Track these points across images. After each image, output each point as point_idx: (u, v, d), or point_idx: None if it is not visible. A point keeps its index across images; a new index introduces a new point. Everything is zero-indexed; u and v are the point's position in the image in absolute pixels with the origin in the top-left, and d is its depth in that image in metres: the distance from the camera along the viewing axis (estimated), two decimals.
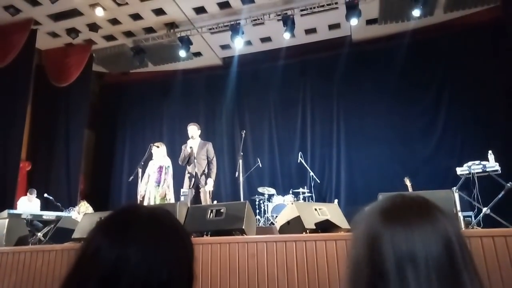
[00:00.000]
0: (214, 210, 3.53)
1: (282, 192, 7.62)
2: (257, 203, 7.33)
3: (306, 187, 7.43)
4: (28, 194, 7.15)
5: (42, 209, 7.05)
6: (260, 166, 7.79)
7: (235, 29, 7.90)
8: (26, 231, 4.60)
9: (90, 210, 7.01)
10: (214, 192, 6.08)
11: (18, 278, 3.57)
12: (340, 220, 3.47)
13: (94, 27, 8.07)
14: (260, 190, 7.51)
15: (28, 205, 7.00)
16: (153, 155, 5.91)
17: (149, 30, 8.52)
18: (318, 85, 8.96)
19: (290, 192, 7.35)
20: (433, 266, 0.58)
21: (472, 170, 4.71)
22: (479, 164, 4.71)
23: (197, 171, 5.56)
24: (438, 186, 5.51)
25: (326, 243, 2.70)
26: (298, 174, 8.29)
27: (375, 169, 7.87)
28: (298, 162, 7.58)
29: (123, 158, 9.92)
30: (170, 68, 9.71)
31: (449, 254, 0.60)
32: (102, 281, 0.62)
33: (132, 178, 5.60)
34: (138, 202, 5.45)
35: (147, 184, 5.75)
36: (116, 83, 10.38)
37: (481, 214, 4.64)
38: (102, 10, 7.52)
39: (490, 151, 4.79)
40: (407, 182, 5.87)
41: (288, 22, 7.63)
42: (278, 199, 7.17)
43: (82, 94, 8.99)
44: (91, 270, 0.64)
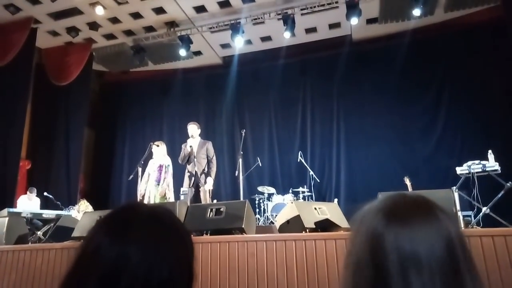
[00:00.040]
0: (214, 209, 3.53)
1: (282, 191, 7.62)
2: (257, 202, 7.32)
3: (306, 187, 7.43)
4: (28, 192, 7.15)
5: (42, 207, 7.05)
6: (260, 165, 7.78)
7: (235, 28, 7.89)
8: (26, 230, 4.60)
9: (90, 208, 7.02)
10: (214, 191, 6.08)
11: (18, 276, 3.58)
12: (339, 219, 3.48)
13: (94, 26, 8.07)
14: (260, 189, 7.50)
15: (28, 203, 7.00)
16: (153, 154, 5.91)
17: (149, 29, 8.51)
18: (318, 84, 8.95)
19: (290, 191, 7.35)
20: (436, 267, 0.58)
21: (472, 170, 4.71)
22: (479, 163, 4.71)
23: (197, 170, 5.56)
24: (438, 186, 5.51)
25: (326, 242, 2.70)
26: (298, 173, 8.28)
27: (375, 168, 7.88)
28: (298, 161, 7.58)
29: (123, 157, 9.92)
30: (170, 67, 9.71)
31: (451, 254, 0.59)
32: (102, 279, 0.62)
33: (132, 177, 5.62)
34: (138, 201, 5.45)
35: (147, 183, 5.75)
36: (116, 82, 10.38)
37: (480, 213, 4.64)
38: (102, 9, 7.51)
39: (490, 151, 4.79)
40: (407, 181, 5.87)
41: (288, 21, 7.63)
42: (277, 198, 7.17)
43: (82, 93, 8.99)
44: (91, 268, 0.64)
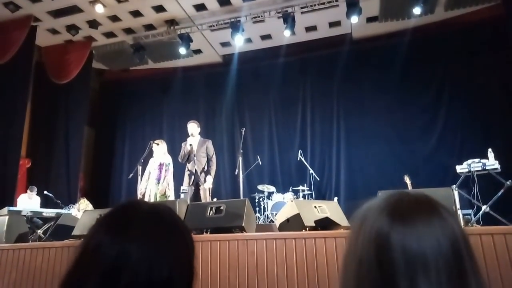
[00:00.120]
0: (213, 208, 3.53)
1: (282, 189, 7.63)
2: (256, 201, 7.33)
3: (305, 185, 7.43)
4: (28, 191, 7.15)
5: (42, 206, 7.05)
6: (260, 163, 7.78)
7: (235, 26, 7.88)
8: (26, 228, 4.60)
9: (90, 207, 7.03)
10: (214, 189, 6.08)
11: (18, 275, 3.58)
12: (339, 217, 3.48)
13: (94, 24, 8.06)
14: (260, 187, 7.51)
15: (28, 202, 7.00)
16: (153, 153, 5.91)
17: (149, 27, 8.50)
18: (318, 82, 8.95)
19: (290, 189, 7.36)
20: (442, 266, 0.57)
21: (471, 168, 4.71)
22: (479, 162, 4.71)
23: (196, 169, 5.56)
24: (438, 184, 5.52)
25: (326, 241, 2.70)
26: (298, 172, 8.29)
27: (375, 167, 7.88)
28: (298, 160, 7.58)
29: (123, 155, 9.92)
30: (170, 65, 9.70)
31: (456, 253, 0.59)
32: (103, 277, 0.62)
33: (132, 175, 5.61)
34: (138, 199, 5.45)
35: (148, 181, 5.74)
36: (116, 80, 10.37)
37: (480, 212, 4.64)
38: (102, 7, 7.50)
39: (489, 149, 4.79)
40: (407, 180, 5.87)
41: (288, 20, 7.61)
42: (277, 197, 7.17)
43: (82, 91, 8.98)
44: (92, 266, 0.64)
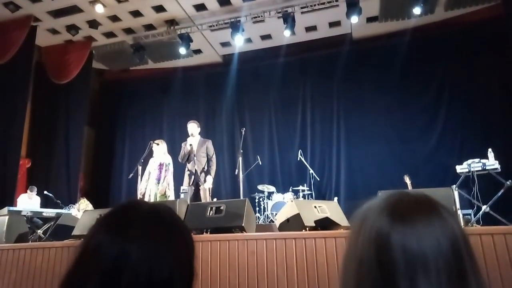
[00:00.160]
0: (214, 208, 3.53)
1: (282, 189, 7.63)
2: (256, 201, 7.33)
3: (305, 185, 7.43)
4: (28, 191, 7.15)
5: (42, 206, 7.05)
6: (260, 163, 7.78)
7: (235, 26, 7.88)
8: (26, 228, 4.60)
9: (90, 207, 7.03)
10: (214, 189, 6.08)
11: (18, 275, 3.58)
12: (339, 217, 3.48)
13: (94, 24, 8.06)
14: (260, 187, 7.50)
15: (28, 202, 7.00)
16: (153, 153, 5.91)
17: (149, 27, 8.50)
18: (318, 82, 8.95)
19: (290, 189, 7.36)
20: (442, 266, 0.57)
21: (471, 168, 4.71)
22: (479, 162, 4.70)
23: (196, 169, 5.56)
24: (438, 184, 5.53)
25: (326, 241, 2.70)
26: (298, 172, 8.29)
27: (375, 167, 7.88)
28: (298, 160, 7.58)
29: (123, 155, 9.92)
30: (170, 65, 9.70)
31: (456, 253, 0.59)
32: (103, 277, 0.62)
33: (132, 175, 5.61)
34: (138, 199, 5.45)
35: (148, 181, 5.74)
36: (116, 80, 10.37)
37: (480, 212, 4.64)
38: (102, 7, 7.50)
39: (489, 149, 4.79)
40: (407, 180, 5.87)
41: (288, 20, 7.61)
42: (277, 197, 7.17)
43: (82, 91, 8.99)
44: (92, 266, 0.64)
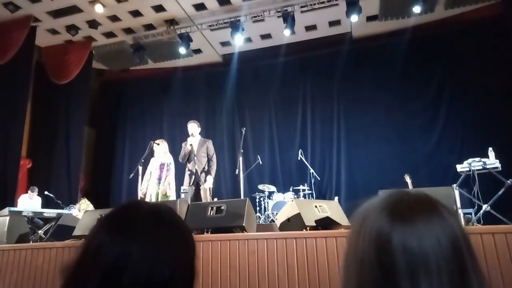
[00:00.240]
0: (214, 208, 3.53)
1: (282, 189, 7.63)
2: (257, 200, 7.33)
3: (306, 184, 7.44)
4: (29, 191, 7.15)
5: (43, 206, 7.06)
6: (260, 163, 7.78)
7: (235, 25, 7.87)
8: (27, 229, 4.61)
9: (91, 207, 7.04)
10: (214, 189, 6.09)
11: (19, 275, 3.58)
12: (340, 217, 3.48)
13: (93, 24, 8.05)
14: (260, 187, 7.51)
15: (29, 202, 7.00)
16: (154, 152, 5.91)
17: (149, 27, 8.50)
18: (318, 82, 8.94)
19: (290, 189, 7.36)
20: (443, 265, 0.57)
21: (472, 167, 4.71)
22: (479, 161, 4.70)
23: (197, 169, 5.56)
24: (438, 183, 5.53)
25: (327, 240, 2.70)
26: (298, 171, 8.28)
27: (375, 166, 7.87)
28: (298, 159, 7.58)
29: (124, 155, 9.92)
30: (170, 65, 9.70)
31: (456, 252, 0.59)
32: (104, 278, 0.62)
33: (132, 175, 5.61)
34: (139, 199, 5.45)
35: (149, 181, 5.75)
36: (116, 80, 10.37)
37: (481, 211, 4.64)
38: (102, 7, 7.49)
39: (490, 148, 4.79)
40: (407, 179, 5.87)
41: (288, 19, 7.61)
42: (278, 196, 7.17)
43: (82, 91, 8.98)
44: (93, 267, 0.64)
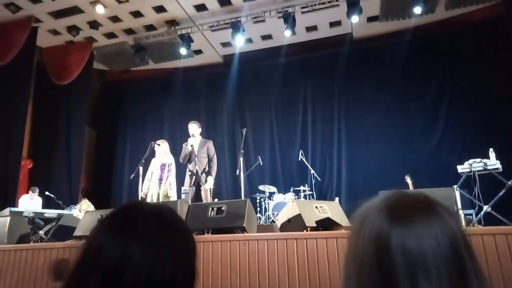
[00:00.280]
0: (215, 208, 3.54)
1: (283, 190, 7.62)
2: (258, 201, 7.32)
3: (307, 185, 7.43)
4: (30, 192, 7.16)
5: (44, 207, 7.06)
6: (261, 164, 7.79)
7: (236, 26, 7.88)
8: (28, 229, 4.62)
9: (92, 208, 7.05)
10: (215, 190, 6.09)
11: (20, 276, 3.59)
12: (341, 218, 3.48)
13: (94, 25, 8.06)
14: (261, 188, 7.50)
15: (29, 203, 7.01)
16: (155, 153, 5.92)
17: (149, 27, 8.51)
18: (319, 82, 8.94)
19: (291, 190, 7.35)
20: (442, 266, 0.57)
21: (473, 168, 4.71)
22: (480, 162, 4.70)
23: (198, 169, 5.57)
24: (439, 184, 5.51)
25: (327, 241, 2.70)
26: (299, 172, 8.28)
27: (376, 167, 7.87)
28: (299, 160, 7.58)
29: (124, 156, 9.93)
30: (171, 66, 9.71)
31: (455, 253, 0.59)
32: (105, 278, 0.62)
33: (133, 176, 5.61)
34: (140, 200, 5.45)
35: (150, 181, 5.75)
36: (117, 81, 10.38)
37: (482, 212, 4.64)
38: (103, 8, 7.51)
39: (491, 149, 4.78)
40: (408, 180, 5.87)
41: (289, 20, 7.61)
42: (279, 197, 7.16)
43: (83, 92, 9.00)
44: (94, 267, 0.64)
